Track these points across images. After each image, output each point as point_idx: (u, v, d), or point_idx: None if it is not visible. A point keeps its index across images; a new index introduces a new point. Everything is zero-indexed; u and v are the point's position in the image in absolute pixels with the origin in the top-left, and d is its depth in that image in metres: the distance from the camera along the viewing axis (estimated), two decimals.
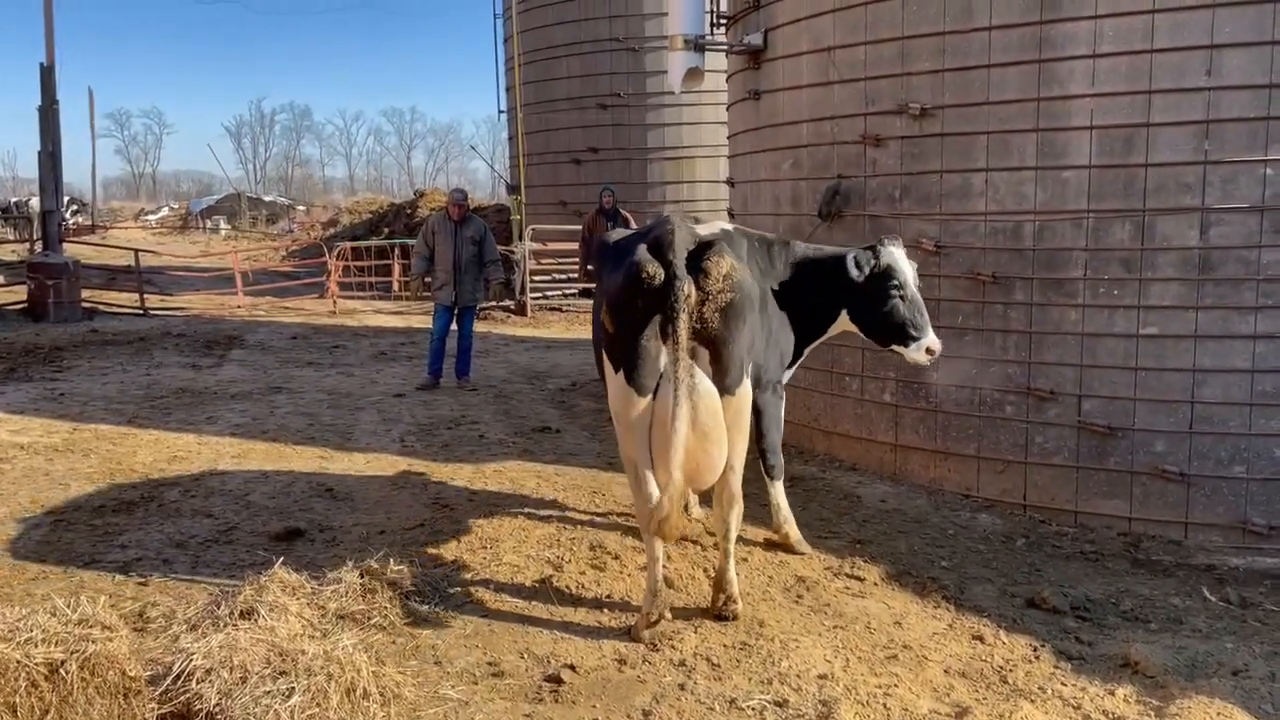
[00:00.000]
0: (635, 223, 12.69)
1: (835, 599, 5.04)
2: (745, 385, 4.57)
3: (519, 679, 4.14)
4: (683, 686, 4.06)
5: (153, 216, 54.15)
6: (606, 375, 4.68)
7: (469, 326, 10.62)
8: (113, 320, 15.84)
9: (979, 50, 6.40)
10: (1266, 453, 5.82)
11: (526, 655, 4.34)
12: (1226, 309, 5.81)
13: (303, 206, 53.32)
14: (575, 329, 15.50)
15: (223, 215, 48.35)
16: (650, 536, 4.51)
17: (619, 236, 5.23)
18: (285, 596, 4.28)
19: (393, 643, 4.40)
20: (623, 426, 4.57)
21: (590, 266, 13.53)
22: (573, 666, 4.22)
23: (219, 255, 27.19)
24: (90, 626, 3.51)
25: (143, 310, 16.71)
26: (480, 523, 5.98)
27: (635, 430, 4.43)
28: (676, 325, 4.22)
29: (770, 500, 5.69)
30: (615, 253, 4.74)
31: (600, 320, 4.69)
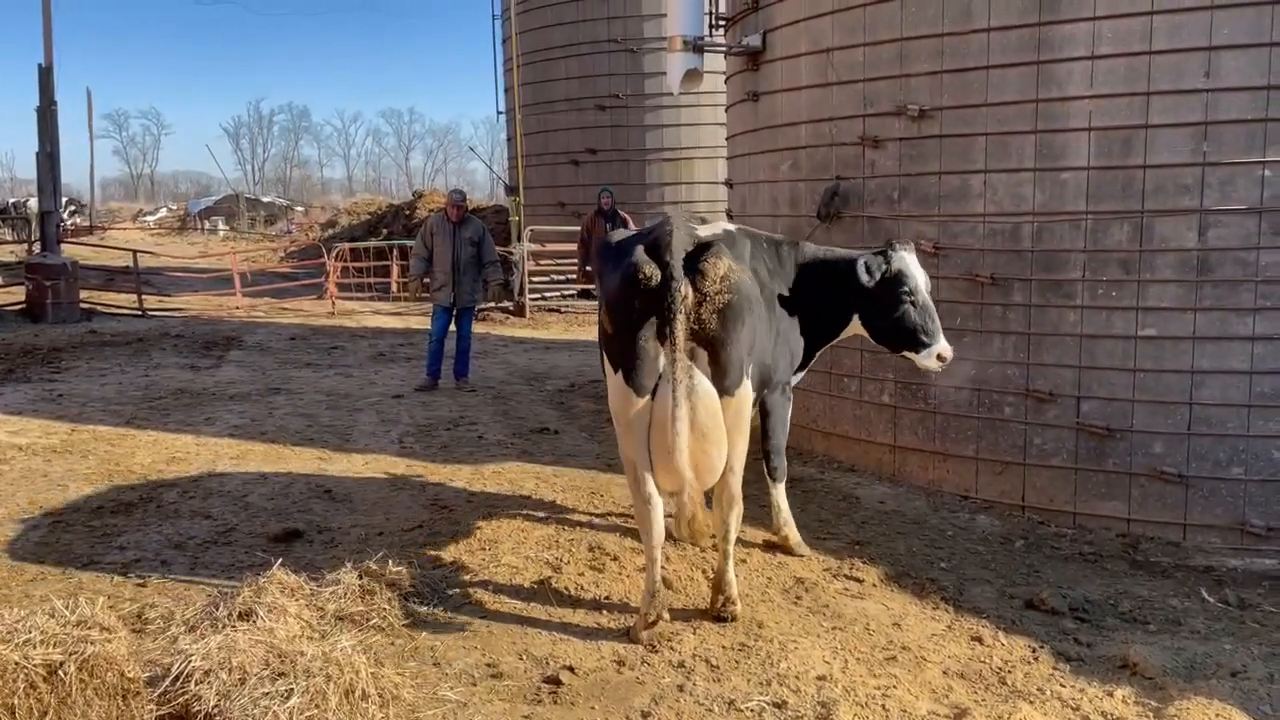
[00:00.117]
0: (634, 224, 12.70)
1: (834, 600, 5.04)
2: (745, 386, 4.57)
3: (518, 680, 4.14)
4: (681, 688, 4.06)
5: (151, 217, 54.15)
6: (606, 375, 4.69)
7: (467, 328, 10.62)
8: (111, 321, 15.82)
9: (977, 52, 6.41)
10: (1264, 454, 5.83)
11: (525, 656, 4.34)
12: (1225, 310, 5.82)
13: (301, 207, 53.34)
14: (574, 330, 15.50)
15: (221, 216, 48.39)
16: (649, 541, 4.52)
17: (621, 237, 5.24)
18: (284, 598, 4.28)
19: (391, 644, 4.40)
20: (622, 426, 4.59)
21: (589, 268, 13.55)
22: (571, 668, 4.22)
23: (217, 256, 27.19)
24: (89, 628, 3.51)
25: (141, 311, 16.70)
26: (479, 524, 5.98)
27: (634, 430, 4.44)
28: (673, 326, 4.22)
29: (771, 502, 5.69)
30: (616, 253, 4.75)
31: (600, 320, 4.70)
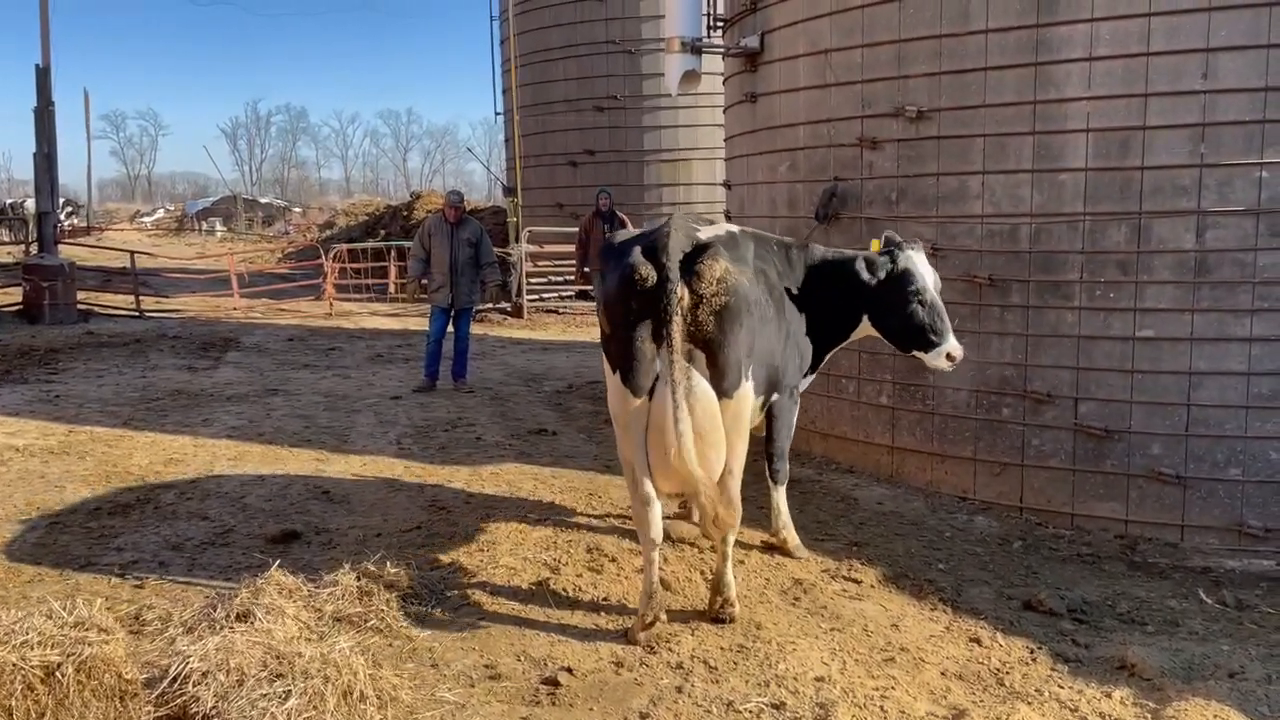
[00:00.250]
0: (631, 225, 12.69)
1: (832, 601, 5.04)
2: (744, 388, 4.56)
3: (516, 681, 4.13)
4: (680, 689, 4.06)
5: (148, 218, 54.04)
6: (606, 375, 4.70)
7: (465, 329, 10.61)
8: (108, 322, 15.79)
9: (975, 53, 6.41)
10: (1262, 455, 5.83)
11: (523, 658, 4.34)
12: (1222, 312, 5.83)
13: (299, 208, 53.33)
14: (572, 331, 15.50)
15: (218, 217, 48.36)
16: (646, 543, 4.52)
17: (623, 237, 5.24)
18: (282, 599, 4.28)
19: (389, 645, 4.39)
20: (620, 426, 4.60)
21: (587, 269, 13.55)
22: (570, 669, 4.21)
23: (215, 257, 27.14)
24: (86, 629, 3.51)
25: (138, 312, 16.68)
26: (477, 525, 5.97)
27: (631, 430, 4.44)
28: (670, 328, 4.22)
29: (771, 504, 5.68)
30: (616, 254, 4.75)
31: (599, 320, 4.71)
